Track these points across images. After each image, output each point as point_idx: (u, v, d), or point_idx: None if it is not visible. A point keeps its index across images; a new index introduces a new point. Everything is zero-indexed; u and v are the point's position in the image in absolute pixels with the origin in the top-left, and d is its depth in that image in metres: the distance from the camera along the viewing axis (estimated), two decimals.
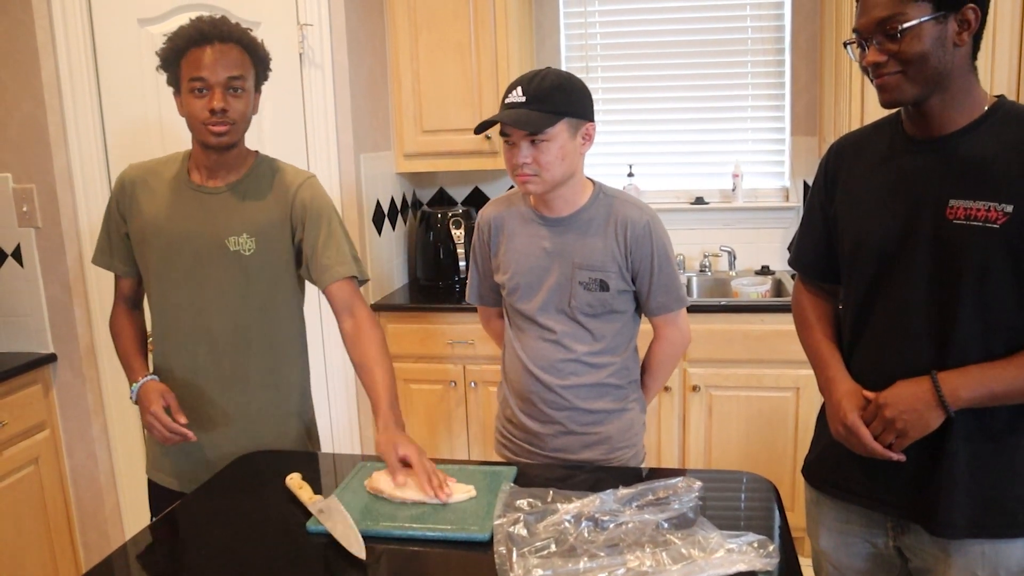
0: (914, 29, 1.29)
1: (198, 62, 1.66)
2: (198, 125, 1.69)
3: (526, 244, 1.78)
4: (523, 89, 1.63)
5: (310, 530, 1.35)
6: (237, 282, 1.76)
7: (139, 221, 1.78)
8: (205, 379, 1.79)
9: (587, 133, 1.70)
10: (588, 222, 1.75)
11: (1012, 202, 1.29)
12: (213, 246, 1.75)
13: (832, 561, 1.61)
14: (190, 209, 1.76)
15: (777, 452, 2.89)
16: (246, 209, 1.77)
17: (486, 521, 1.33)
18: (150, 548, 1.38)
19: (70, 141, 2.63)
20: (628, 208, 1.76)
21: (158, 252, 1.76)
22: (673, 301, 1.80)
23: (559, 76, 1.65)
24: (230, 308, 1.77)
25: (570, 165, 1.68)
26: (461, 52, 3.10)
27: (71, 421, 2.78)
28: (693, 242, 3.47)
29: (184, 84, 1.68)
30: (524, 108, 1.61)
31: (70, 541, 2.82)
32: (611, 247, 1.73)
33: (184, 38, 1.68)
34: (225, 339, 1.78)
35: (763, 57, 3.37)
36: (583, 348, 1.76)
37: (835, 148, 1.58)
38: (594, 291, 1.73)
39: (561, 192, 1.73)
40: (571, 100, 1.65)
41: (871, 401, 1.41)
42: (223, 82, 1.66)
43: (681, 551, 1.19)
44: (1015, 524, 1.39)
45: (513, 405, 1.85)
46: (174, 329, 1.79)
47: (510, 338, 1.85)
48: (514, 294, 1.80)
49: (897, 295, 1.42)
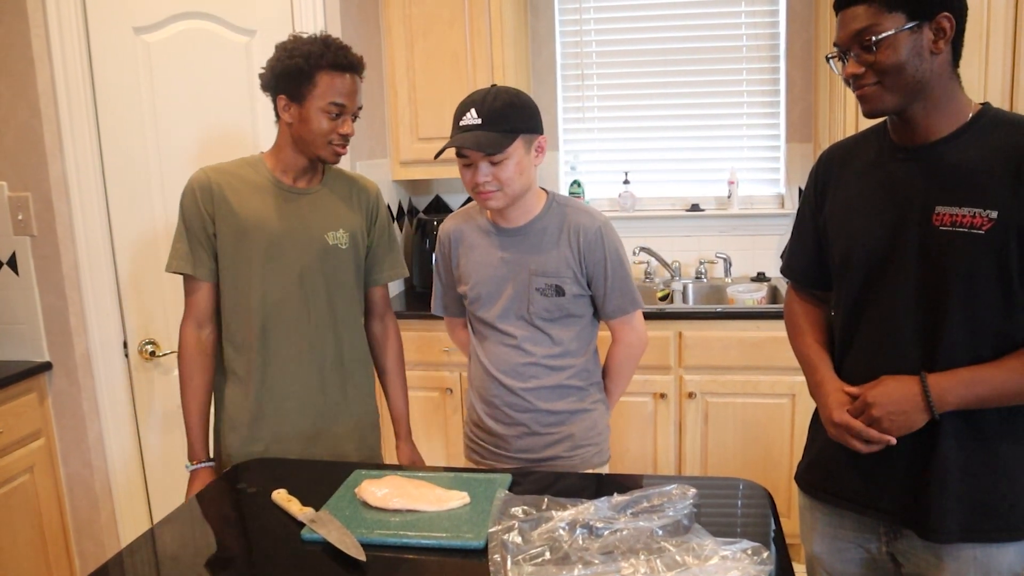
0: (888, 40, 1.31)
1: (341, 88, 1.80)
2: (322, 141, 1.82)
3: (484, 255, 1.84)
4: (477, 110, 1.67)
5: (305, 538, 1.35)
6: (335, 273, 1.92)
7: (234, 220, 1.85)
8: (311, 367, 1.90)
9: (539, 146, 1.77)
10: (542, 231, 1.81)
11: (997, 208, 1.31)
12: (315, 240, 1.89)
13: (826, 567, 1.61)
14: (289, 209, 1.88)
15: (773, 459, 2.89)
16: (337, 207, 1.94)
17: (481, 528, 1.33)
18: (146, 556, 1.38)
19: (66, 150, 2.63)
20: (580, 215, 1.82)
21: (262, 250, 1.85)
22: (628, 303, 1.85)
23: (509, 94, 1.70)
24: (332, 298, 1.92)
25: (527, 178, 1.74)
26: (457, 60, 3.11)
27: (66, 429, 2.78)
28: (689, 249, 3.47)
29: (316, 102, 1.79)
30: (481, 130, 1.66)
31: (65, 550, 2.81)
32: (565, 254, 1.79)
33: (328, 60, 1.78)
34: (325, 327, 1.91)
35: (758, 64, 3.39)
36: (542, 351, 1.82)
37: (824, 157, 1.60)
38: (550, 296, 1.79)
39: (518, 204, 1.78)
40: (524, 116, 1.71)
41: (857, 397, 1.42)
42: (355, 111, 1.85)
43: (676, 558, 1.19)
44: (1006, 528, 1.39)
45: (479, 410, 1.90)
46: (277, 320, 1.87)
47: (474, 345, 1.91)
48: (476, 303, 1.86)
49: (886, 301, 1.43)
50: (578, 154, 3.58)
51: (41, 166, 2.63)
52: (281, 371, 1.88)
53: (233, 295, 1.88)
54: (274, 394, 1.89)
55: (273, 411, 1.89)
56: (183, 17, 2.64)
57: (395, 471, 1.58)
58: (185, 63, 2.65)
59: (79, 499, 2.83)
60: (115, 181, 2.71)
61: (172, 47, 2.66)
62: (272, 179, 1.89)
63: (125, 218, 2.72)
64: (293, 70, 1.78)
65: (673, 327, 2.89)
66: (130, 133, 2.69)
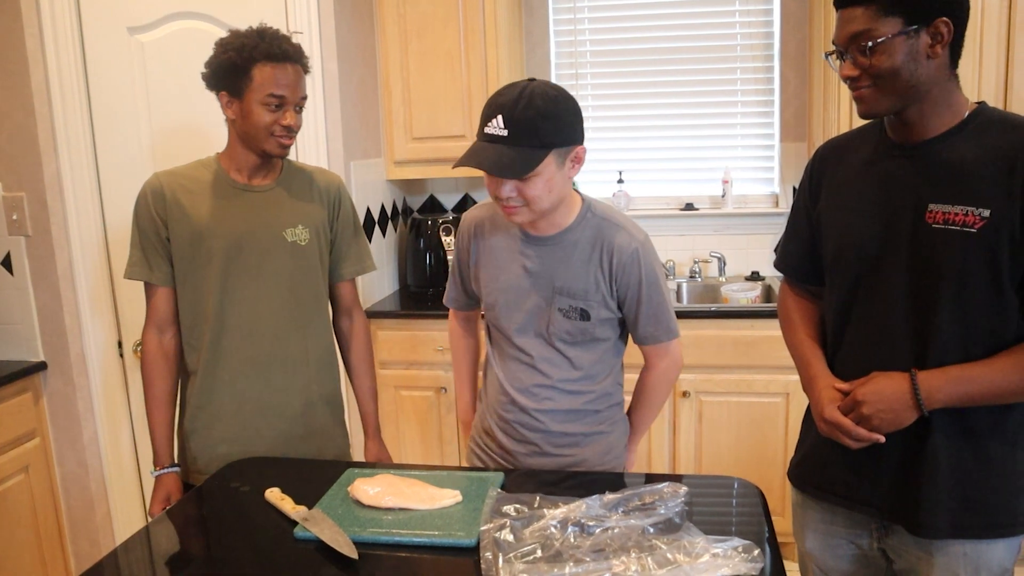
0: (885, 44, 1.31)
1: (277, 79, 1.75)
2: (264, 134, 1.78)
3: (507, 260, 1.69)
4: (504, 118, 1.46)
5: (298, 536, 1.35)
6: (294, 271, 1.88)
7: (187, 224, 1.83)
8: (269, 366, 1.88)
9: (576, 157, 1.56)
10: (573, 244, 1.64)
11: (989, 207, 1.31)
12: (273, 238, 1.86)
13: (817, 563, 1.62)
14: (244, 207, 1.85)
15: (767, 458, 2.90)
16: (295, 203, 1.90)
17: (472, 526, 1.33)
18: (140, 555, 1.38)
19: (60, 150, 2.63)
20: (616, 233, 1.64)
21: (221, 251, 1.82)
22: (663, 332, 1.69)
23: (545, 100, 1.47)
24: (292, 296, 1.88)
25: (559, 194, 1.56)
26: (451, 60, 3.11)
27: (61, 429, 2.78)
28: (683, 248, 3.48)
29: (255, 95, 1.75)
30: (505, 144, 1.46)
31: (61, 550, 2.81)
32: (594, 273, 1.63)
33: (262, 51, 1.74)
34: (287, 326, 1.89)
35: (752, 64, 3.39)
36: (560, 374, 1.69)
37: (820, 153, 1.60)
38: (574, 320, 1.64)
39: (548, 216, 1.62)
40: (559, 128, 1.48)
41: (848, 393, 1.43)
42: (297, 101, 1.80)
43: (667, 556, 1.20)
44: (996, 525, 1.40)
45: (490, 420, 1.79)
46: (235, 320, 1.85)
47: (490, 353, 1.80)
48: (492, 310, 1.72)
49: (878, 298, 1.44)
50: None
51: (36, 166, 2.63)
52: (241, 372, 1.86)
53: (191, 298, 1.86)
54: (235, 396, 1.87)
55: (234, 412, 1.87)
56: (177, 17, 2.65)
57: (388, 470, 1.59)
58: (179, 63, 2.65)
59: (74, 498, 2.83)
60: (109, 181, 2.71)
61: (166, 47, 2.66)
62: (226, 179, 1.86)
63: (119, 218, 2.72)
64: (228, 65, 1.75)
65: None
66: (124, 133, 2.69)
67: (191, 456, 1.91)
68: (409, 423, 3.10)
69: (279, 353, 1.88)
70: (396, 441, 3.15)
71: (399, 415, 3.12)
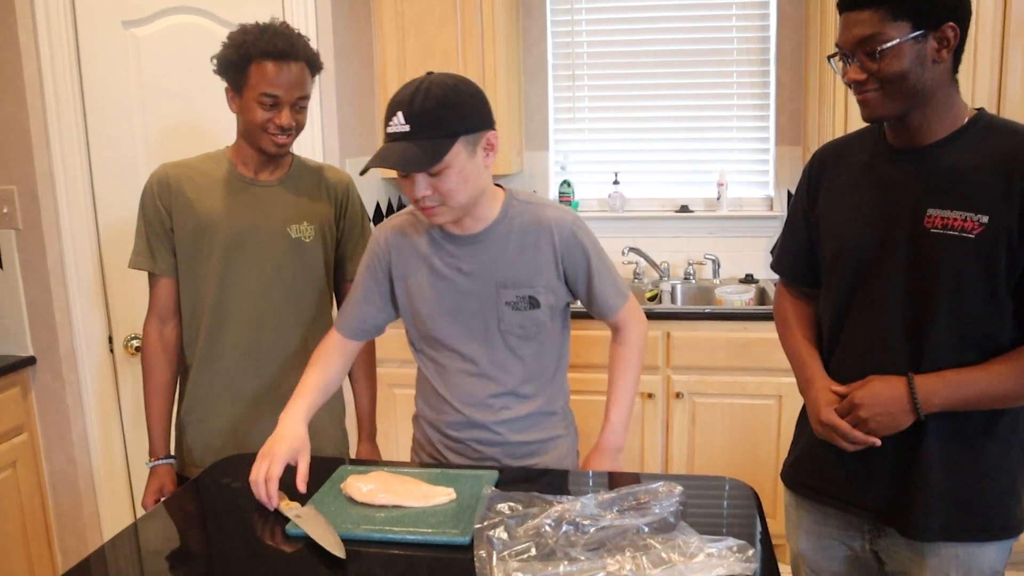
0: (893, 49, 1.31)
1: (271, 78, 1.72)
2: (259, 132, 1.76)
3: (439, 267, 1.61)
4: (404, 114, 1.41)
5: (290, 533, 1.34)
6: (296, 266, 1.87)
7: (192, 215, 1.82)
8: (268, 362, 1.87)
9: (488, 144, 1.50)
10: (507, 235, 1.59)
11: (988, 213, 1.31)
12: (276, 234, 1.85)
13: (810, 564, 1.62)
14: (249, 202, 1.84)
15: (760, 460, 2.90)
16: (301, 200, 1.89)
17: (466, 525, 1.32)
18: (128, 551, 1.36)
19: (52, 143, 2.61)
20: (548, 211, 1.61)
21: (222, 244, 1.82)
22: (620, 297, 1.67)
23: (443, 88, 1.43)
24: (294, 292, 1.88)
25: (475, 184, 1.50)
26: (448, 59, 3.11)
27: (50, 425, 2.75)
28: (678, 250, 3.48)
29: (250, 92, 1.74)
30: (408, 140, 1.41)
31: (48, 546, 2.79)
32: (537, 258, 1.59)
33: (259, 49, 1.71)
34: (288, 323, 1.88)
35: (748, 67, 3.40)
36: (512, 379, 1.63)
37: (818, 155, 1.60)
38: (523, 310, 1.59)
39: (471, 212, 1.56)
40: (463, 115, 1.44)
41: (845, 396, 1.43)
42: (293, 101, 1.75)
43: (661, 555, 1.19)
44: (988, 528, 1.41)
45: (436, 442, 1.71)
46: (234, 314, 1.84)
47: (427, 375, 1.70)
48: (428, 321, 1.63)
49: (874, 301, 1.44)
50: (568, 154, 3.58)
51: (27, 159, 2.61)
52: (238, 367, 1.86)
53: (192, 290, 1.86)
54: (231, 390, 1.87)
55: (230, 407, 1.87)
56: (173, 11, 2.63)
57: (381, 467, 1.58)
58: (175, 58, 2.64)
59: (62, 495, 2.81)
60: (102, 175, 2.69)
61: (162, 41, 2.64)
62: (233, 172, 1.85)
63: (112, 213, 2.70)
64: (228, 61, 1.75)
65: (661, 327, 2.89)
66: (118, 127, 2.67)
67: (186, 448, 1.91)
68: (404, 422, 3.08)
69: (278, 349, 1.88)
70: (390, 439, 3.13)
71: (394, 414, 3.11)
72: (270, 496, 1.42)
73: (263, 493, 1.42)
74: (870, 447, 1.40)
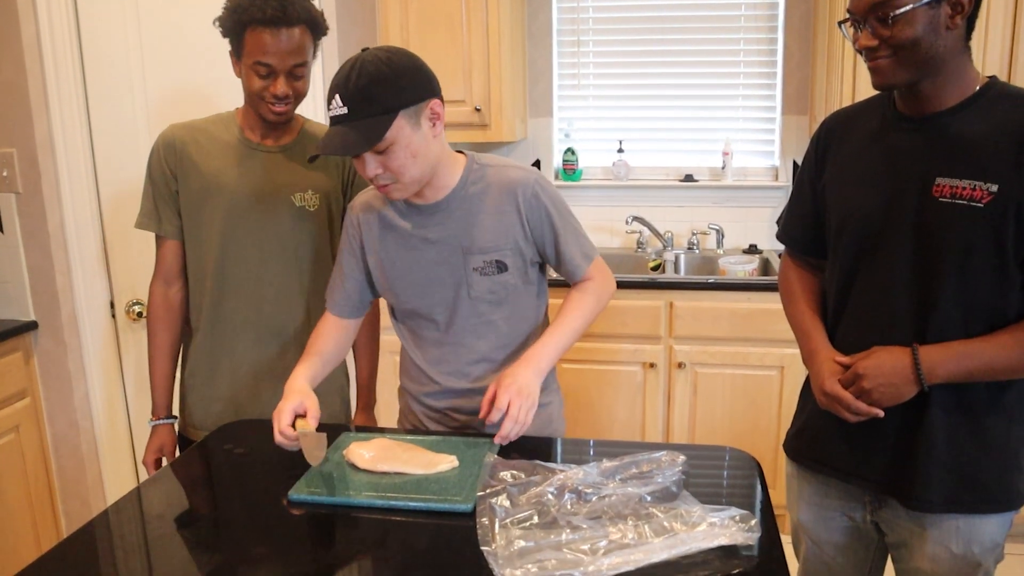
0: (906, 15, 1.28)
1: (264, 46, 1.66)
2: (257, 100, 1.73)
3: (406, 238, 1.61)
4: (341, 96, 1.40)
5: (292, 498, 1.35)
6: (300, 236, 1.84)
7: (197, 178, 1.80)
8: (267, 332, 1.85)
9: (433, 112, 1.47)
10: (468, 199, 1.58)
11: (997, 182, 1.30)
12: (279, 201, 1.81)
13: (810, 535, 1.62)
14: (254, 166, 1.81)
15: (761, 430, 2.91)
16: (308, 168, 1.84)
17: (469, 492, 1.32)
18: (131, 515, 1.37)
19: (51, 107, 2.58)
20: (509, 171, 1.59)
21: (224, 208, 1.79)
22: (585, 256, 1.64)
23: (377, 64, 1.40)
24: (296, 261, 1.85)
25: (425, 157, 1.48)
26: (452, 24, 3.06)
27: (52, 390, 2.76)
28: (681, 219, 3.46)
29: (246, 59, 1.70)
30: (348, 121, 1.40)
31: (51, 510, 2.81)
32: (502, 220, 1.57)
33: (250, 15, 1.66)
34: (289, 292, 1.86)
35: (756, 35, 3.35)
36: (487, 344, 1.63)
37: (827, 124, 1.58)
38: (492, 275, 1.58)
39: (431, 182, 1.55)
40: (398, 88, 1.41)
41: (849, 367, 1.42)
42: (288, 69, 1.70)
43: (663, 524, 1.19)
44: (989, 500, 1.41)
45: (417, 412, 1.73)
46: (235, 281, 1.83)
47: (406, 347, 1.72)
48: (403, 294, 1.64)
49: (881, 271, 1.42)
50: (572, 121, 3.55)
51: (26, 122, 2.58)
52: (240, 334, 1.85)
53: (196, 254, 1.85)
54: (232, 357, 1.86)
55: (231, 373, 1.87)
56: None
57: (383, 434, 1.58)
58: (174, 18, 2.60)
59: (65, 459, 2.82)
60: (102, 138, 2.67)
61: (163, 4, 2.60)
62: (240, 136, 1.82)
63: (112, 176, 2.68)
64: (226, 27, 1.71)
65: (664, 297, 2.89)
66: (117, 89, 2.64)
67: (188, 411, 1.92)
68: None
69: (279, 317, 1.86)
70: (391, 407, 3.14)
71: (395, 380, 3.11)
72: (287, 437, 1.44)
73: (284, 441, 1.45)
74: (873, 418, 1.40)
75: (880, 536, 1.56)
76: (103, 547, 1.27)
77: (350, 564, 1.20)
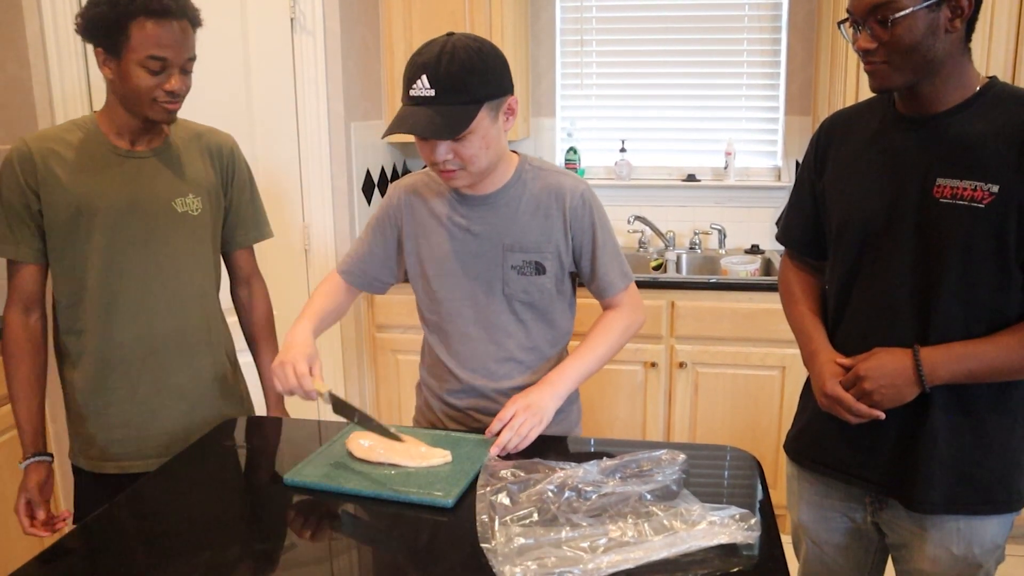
0: (906, 18, 1.28)
1: (157, 39, 1.55)
2: (146, 100, 1.60)
3: (451, 228, 1.61)
4: (429, 77, 1.39)
5: (287, 482, 1.36)
6: (187, 243, 1.75)
7: (64, 196, 1.65)
8: (163, 344, 1.74)
9: (509, 108, 1.50)
10: (518, 198, 1.59)
11: (998, 182, 1.30)
12: (160, 209, 1.71)
13: (811, 535, 1.62)
14: (128, 176, 1.69)
15: (761, 430, 2.91)
16: (185, 170, 1.74)
17: (453, 487, 1.32)
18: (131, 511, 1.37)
19: (55, 103, 2.58)
20: (561, 178, 1.60)
21: (103, 225, 1.66)
22: (622, 277, 1.64)
23: (469, 52, 1.40)
24: (185, 270, 1.75)
25: (496, 150, 1.50)
26: (455, 21, 3.06)
27: None
28: (684, 219, 3.46)
29: (132, 55, 1.56)
30: (434, 105, 1.40)
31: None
32: (546, 223, 1.58)
33: (138, 6, 1.53)
34: (182, 302, 1.75)
35: (759, 35, 3.35)
36: (516, 344, 1.62)
37: (826, 124, 1.58)
38: (529, 275, 1.58)
39: (488, 175, 1.56)
40: (487, 80, 1.42)
41: (850, 368, 1.42)
42: (183, 64, 1.61)
43: (663, 522, 1.19)
44: (990, 501, 1.41)
45: (436, 410, 1.72)
46: (123, 299, 1.70)
47: (431, 344, 1.70)
48: (436, 280, 1.63)
49: (881, 272, 1.42)
50: (575, 120, 3.55)
51: (30, 120, 2.59)
52: (133, 353, 1.72)
53: (69, 276, 1.69)
54: (128, 378, 1.73)
55: (128, 395, 1.74)
56: None
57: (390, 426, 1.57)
58: None
59: None
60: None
61: None
62: (106, 144, 1.68)
63: None
64: (101, 20, 1.55)
65: (665, 296, 2.89)
66: None
67: (84, 441, 1.77)
68: (407, 388, 3.09)
69: (174, 331, 1.75)
70: (392, 405, 3.15)
71: (398, 380, 3.12)
72: (305, 387, 1.46)
73: (299, 387, 1.46)
74: (874, 420, 1.40)
75: (881, 537, 1.56)
76: (103, 547, 1.27)
77: (350, 558, 1.20)
